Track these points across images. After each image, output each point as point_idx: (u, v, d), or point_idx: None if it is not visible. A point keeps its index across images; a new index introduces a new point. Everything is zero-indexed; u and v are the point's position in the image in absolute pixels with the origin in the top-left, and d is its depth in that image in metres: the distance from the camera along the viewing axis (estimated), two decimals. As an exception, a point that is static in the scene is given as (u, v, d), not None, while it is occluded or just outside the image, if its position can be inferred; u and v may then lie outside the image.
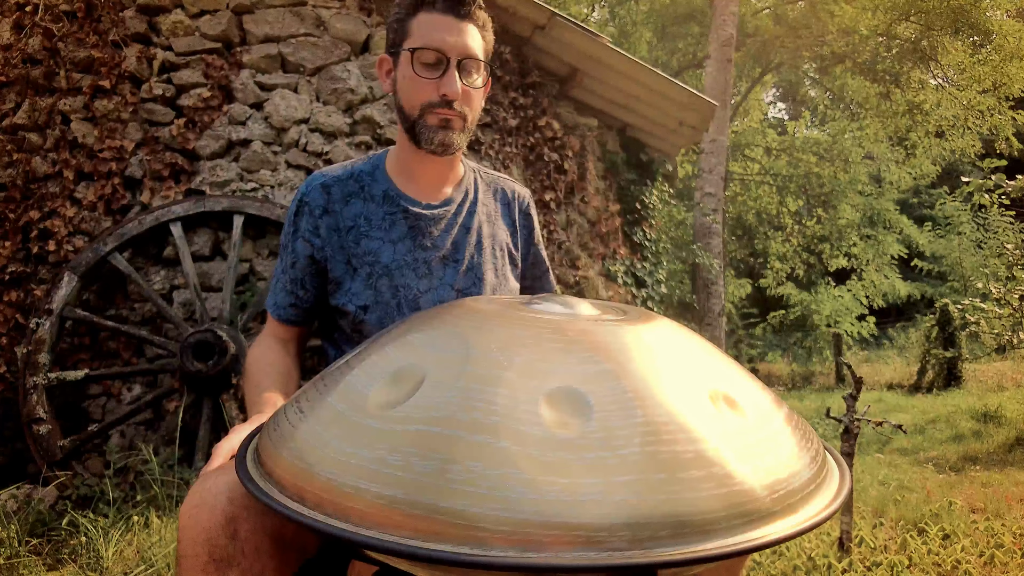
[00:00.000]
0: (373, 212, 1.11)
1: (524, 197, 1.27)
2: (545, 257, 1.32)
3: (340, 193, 1.11)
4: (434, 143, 1.05)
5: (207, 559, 0.69)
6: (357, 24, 3.29)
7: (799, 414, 0.69)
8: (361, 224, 1.10)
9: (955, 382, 7.16)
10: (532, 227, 1.28)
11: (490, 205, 1.21)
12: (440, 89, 1.03)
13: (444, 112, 1.04)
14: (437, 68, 1.03)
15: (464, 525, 0.45)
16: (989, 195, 4.83)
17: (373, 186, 1.13)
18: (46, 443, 2.74)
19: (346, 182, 1.12)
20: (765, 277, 11.26)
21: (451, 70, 1.03)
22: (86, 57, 3.14)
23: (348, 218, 1.10)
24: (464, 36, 1.04)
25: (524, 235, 1.26)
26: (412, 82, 1.04)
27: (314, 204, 1.10)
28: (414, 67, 1.03)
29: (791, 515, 0.53)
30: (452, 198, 1.16)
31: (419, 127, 1.05)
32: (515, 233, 1.23)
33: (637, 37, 12.87)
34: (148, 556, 2.06)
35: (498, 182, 1.25)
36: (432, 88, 1.04)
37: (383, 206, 1.11)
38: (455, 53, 1.03)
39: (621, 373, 0.56)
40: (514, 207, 1.24)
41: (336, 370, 0.66)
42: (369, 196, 1.12)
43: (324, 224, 1.10)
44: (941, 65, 10.98)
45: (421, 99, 1.04)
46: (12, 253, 3.07)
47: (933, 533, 2.38)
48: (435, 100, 1.04)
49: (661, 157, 5.11)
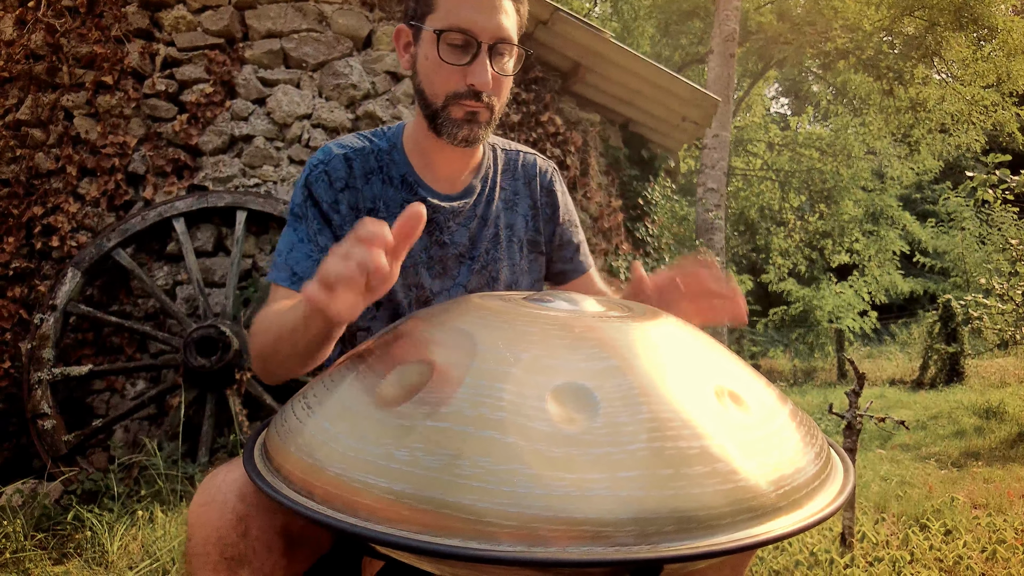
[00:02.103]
0: (392, 197, 1.01)
1: (546, 171, 1.14)
2: (575, 234, 1.17)
3: (361, 168, 1.00)
4: (457, 138, 0.94)
5: (218, 558, 0.69)
6: (360, 19, 3.29)
7: (801, 410, 0.69)
8: (380, 208, 1.00)
9: (957, 378, 7.15)
10: (556, 204, 1.14)
11: (509, 188, 1.10)
12: (468, 78, 0.90)
13: (471, 104, 0.92)
14: (466, 53, 0.90)
15: (471, 520, 0.46)
16: (993, 190, 4.82)
17: (392, 167, 1.02)
18: (50, 438, 2.75)
19: (368, 157, 1.01)
20: (767, 273, 11.24)
21: (482, 56, 0.90)
22: (88, 53, 3.14)
23: (368, 198, 1.00)
24: (498, 14, 0.90)
25: (547, 214, 1.13)
26: (436, 67, 0.92)
27: (335, 176, 0.98)
28: (439, 50, 0.90)
29: (796, 511, 0.54)
30: (472, 186, 1.05)
31: (442, 119, 0.94)
32: (536, 216, 1.12)
33: (640, 32, 12.84)
34: (153, 551, 2.07)
35: (518, 157, 1.13)
36: (459, 76, 0.91)
37: (401, 191, 1.01)
38: (487, 36, 0.90)
39: (627, 369, 0.56)
40: (535, 184, 1.12)
41: (343, 366, 0.67)
42: (388, 178, 1.01)
43: (345, 200, 0.99)
44: (945, 60, 10.94)
45: (446, 88, 0.92)
46: (16, 249, 3.07)
47: (935, 529, 2.38)
48: (462, 90, 0.91)
49: (663, 153, 5.11)
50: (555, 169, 1.16)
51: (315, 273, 0.94)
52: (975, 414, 5.04)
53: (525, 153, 1.13)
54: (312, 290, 0.62)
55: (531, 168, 1.12)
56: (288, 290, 0.96)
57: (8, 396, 2.97)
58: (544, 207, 1.12)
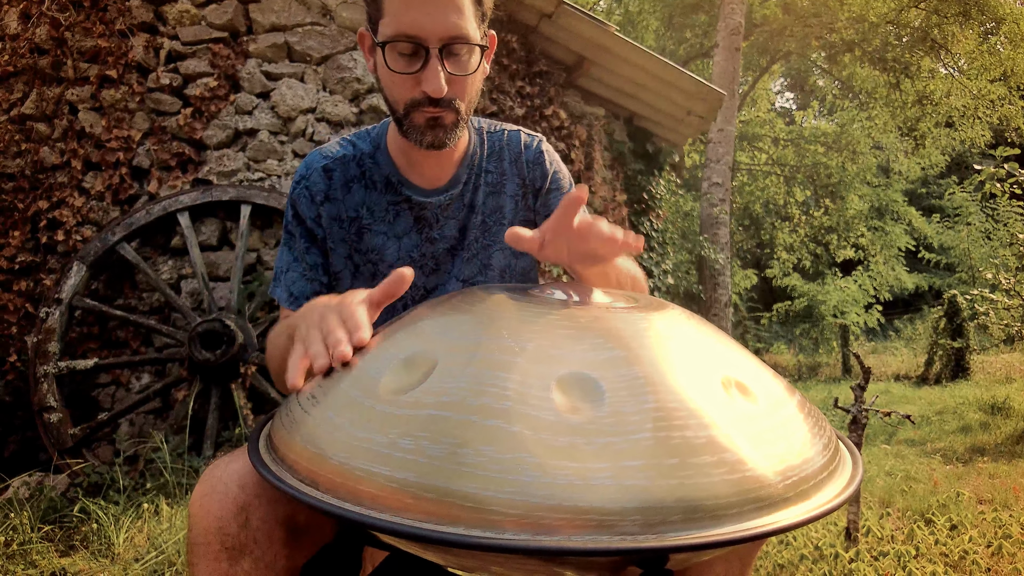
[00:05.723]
0: (376, 201, 1.00)
1: (531, 144, 1.09)
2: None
3: (342, 178, 1.00)
4: (423, 144, 0.92)
5: (219, 547, 0.69)
6: (363, 13, 3.28)
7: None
8: (364, 215, 1.00)
9: (963, 373, 7.13)
10: (544, 176, 1.08)
11: (495, 171, 1.07)
12: (422, 85, 0.87)
13: (431, 111, 0.89)
14: (416, 59, 0.86)
15: (475, 508, 0.46)
16: (1000, 184, 4.79)
17: (375, 171, 1.01)
18: (57, 431, 2.77)
19: (348, 165, 1.01)
20: (771, 268, 11.21)
21: (432, 61, 0.85)
22: (93, 46, 3.15)
23: (350, 207, 1.00)
24: (445, 13, 0.84)
25: (534, 189, 1.08)
26: (390, 77, 0.89)
27: (315, 189, 0.99)
28: (387, 60, 0.87)
29: (804, 501, 0.53)
30: (458, 176, 1.03)
31: (406, 125, 0.92)
32: (527, 193, 1.08)
33: (644, 26, 12.79)
34: (158, 543, 2.08)
35: (502, 137, 1.08)
36: (412, 83, 0.88)
37: (386, 194, 1.01)
38: (434, 38, 0.85)
39: (632, 359, 0.56)
40: (522, 161, 1.08)
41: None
42: (371, 182, 1.01)
43: (325, 212, 0.99)
44: (951, 53, 10.87)
45: (403, 96, 0.89)
46: (21, 243, 3.08)
47: (940, 524, 2.37)
48: (419, 97, 0.88)
49: (668, 147, 5.09)
50: (541, 139, 1.11)
51: (310, 291, 0.98)
52: (981, 410, 5.02)
53: (509, 131, 1.09)
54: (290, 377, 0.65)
55: (516, 145, 1.08)
56: (290, 310, 0.99)
57: (14, 389, 2.99)
58: (531, 182, 1.08)
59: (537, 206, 1.09)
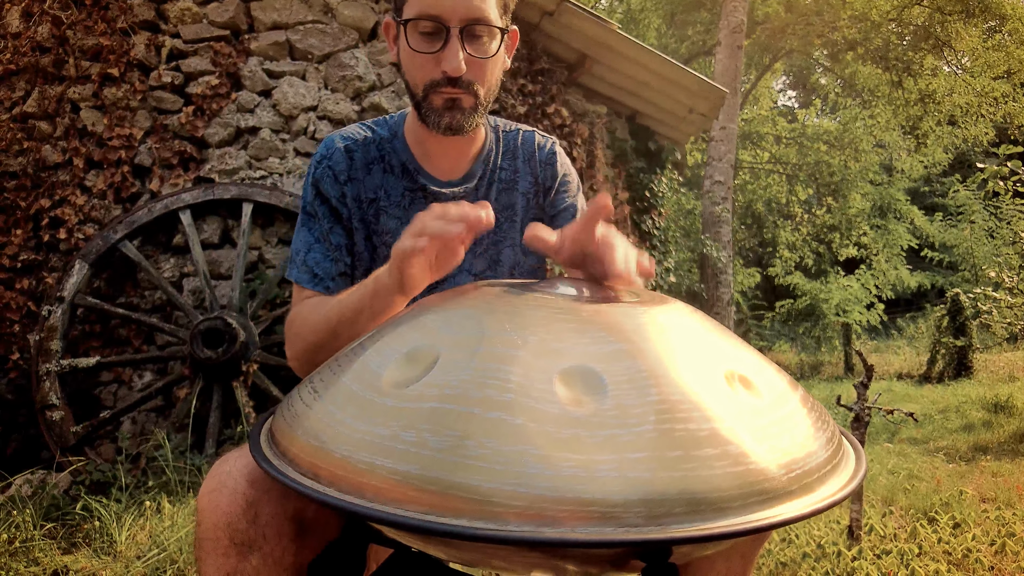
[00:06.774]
0: (393, 186, 1.02)
1: (544, 144, 1.12)
2: (573, 200, 1.13)
3: (363, 159, 1.01)
4: (441, 127, 0.93)
5: (228, 543, 0.68)
6: (365, 11, 3.28)
7: (814, 396, 0.68)
8: (381, 197, 1.01)
9: (965, 372, 7.11)
10: (555, 176, 1.11)
11: (508, 168, 1.09)
12: (441, 65, 0.89)
13: (449, 92, 0.91)
14: (437, 39, 0.89)
15: (478, 500, 0.45)
16: (1003, 182, 4.78)
17: (393, 156, 1.02)
18: (59, 429, 2.77)
19: (368, 147, 1.02)
20: (774, 266, 11.20)
21: (452, 41, 0.88)
22: (94, 45, 3.15)
23: (370, 189, 1.01)
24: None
25: (545, 188, 1.11)
26: (411, 57, 0.91)
27: (338, 169, 0.99)
28: (410, 39, 0.89)
29: (807, 495, 0.53)
30: (473, 171, 1.05)
31: (424, 108, 0.93)
32: (539, 191, 1.10)
33: (646, 24, 12.78)
34: (160, 540, 2.08)
35: (517, 136, 1.11)
36: (433, 64, 0.90)
37: (402, 180, 1.02)
38: (455, 19, 0.87)
39: (635, 352, 0.55)
40: (535, 160, 1.10)
41: (350, 351, 0.66)
42: (389, 166, 1.02)
43: (349, 192, 1.00)
44: (954, 51, 10.84)
45: (424, 77, 0.91)
46: (23, 241, 3.09)
47: (943, 522, 2.37)
48: (438, 78, 0.90)
49: (670, 145, 5.08)
50: (554, 141, 1.14)
51: (335, 271, 0.98)
52: (983, 408, 5.01)
53: (524, 131, 1.12)
54: (404, 243, 0.72)
55: (530, 145, 1.11)
56: (312, 291, 0.98)
57: (17, 387, 2.99)
58: (543, 181, 1.11)
59: (545, 204, 1.12)
